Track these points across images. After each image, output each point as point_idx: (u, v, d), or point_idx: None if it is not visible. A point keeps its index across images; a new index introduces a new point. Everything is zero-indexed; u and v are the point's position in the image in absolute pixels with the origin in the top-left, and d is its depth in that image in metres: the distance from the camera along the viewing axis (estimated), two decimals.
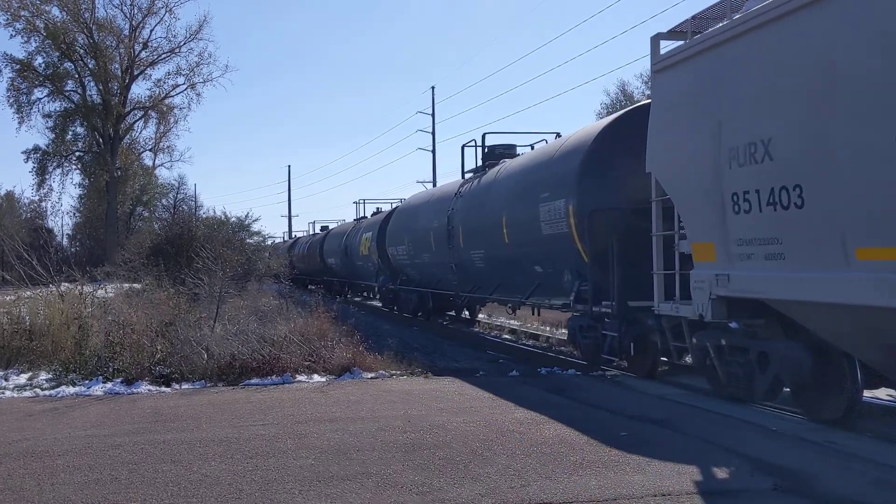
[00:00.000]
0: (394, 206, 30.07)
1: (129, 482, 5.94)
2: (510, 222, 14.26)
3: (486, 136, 18.33)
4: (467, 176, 18.73)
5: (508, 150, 17.56)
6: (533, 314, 17.33)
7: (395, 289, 24.38)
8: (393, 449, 6.82)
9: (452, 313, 22.46)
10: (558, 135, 16.37)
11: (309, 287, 42.87)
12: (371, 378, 10.99)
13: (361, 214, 34.87)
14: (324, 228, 45.36)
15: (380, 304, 29.37)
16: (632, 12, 69.97)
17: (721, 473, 6.04)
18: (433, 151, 50.03)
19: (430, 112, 50.30)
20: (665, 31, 10.11)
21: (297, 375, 10.97)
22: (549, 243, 12.68)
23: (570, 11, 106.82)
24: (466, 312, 22.20)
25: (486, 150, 17.95)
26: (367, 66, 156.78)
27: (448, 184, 21.16)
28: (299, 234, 56.33)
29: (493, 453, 6.63)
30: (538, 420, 7.99)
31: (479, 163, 18.27)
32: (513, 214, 14.20)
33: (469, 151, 18.86)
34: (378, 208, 32.83)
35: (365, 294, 35.62)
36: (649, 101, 10.52)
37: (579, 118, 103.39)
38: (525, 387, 10.26)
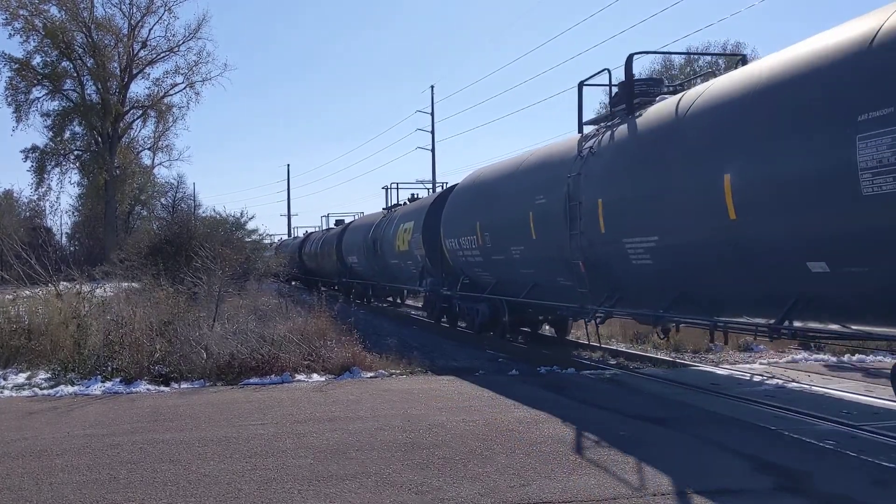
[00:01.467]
0: (427, 187, 25.76)
1: (127, 482, 5.93)
2: (742, 185, 8.26)
3: (634, 57, 11.68)
4: (588, 129, 12.69)
5: (654, 87, 11.80)
6: (725, 343, 11.80)
7: (452, 295, 18.26)
8: (392, 448, 6.82)
9: (526, 329, 17.39)
10: (743, 59, 11.25)
11: (321, 289, 37.23)
12: (370, 377, 10.98)
13: (394, 202, 27.73)
14: (339, 222, 38.93)
15: (423, 314, 23.17)
16: (630, 12, 69.98)
17: (720, 473, 6.03)
18: (433, 150, 50.02)
19: (430, 111, 50.26)
20: None
21: (296, 375, 10.96)
22: (877, 213, 6.82)
23: (568, 11, 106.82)
24: (548, 328, 17.32)
25: (628, 84, 11.53)
26: (365, 65, 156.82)
27: (551, 145, 14.48)
28: (311, 231, 49.49)
29: (492, 452, 6.62)
30: (537, 419, 7.98)
31: (607, 108, 12.85)
32: (754, 169, 8.17)
33: (588, 94, 13.30)
34: (414, 194, 26.52)
35: (391, 299, 30.75)
36: None
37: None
38: (524, 386, 10.25)
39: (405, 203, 26.02)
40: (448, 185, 21.89)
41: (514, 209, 14.10)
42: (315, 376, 11.00)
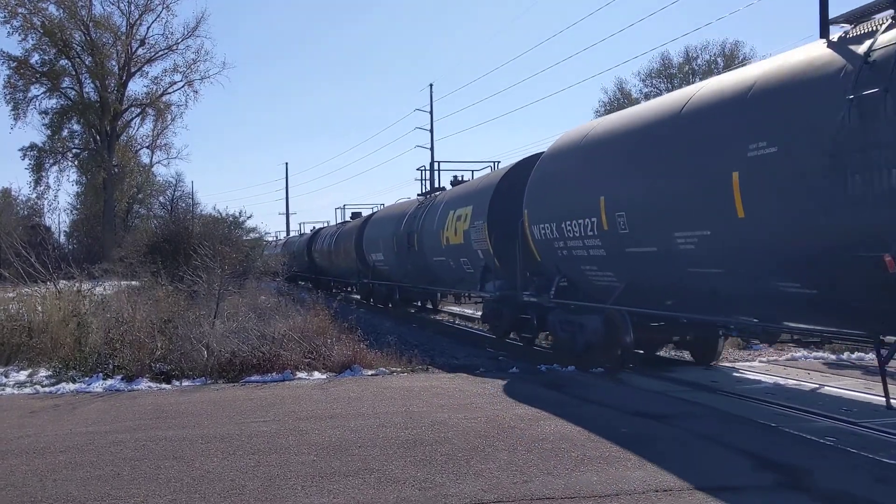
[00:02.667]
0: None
1: (131, 478, 5.95)
2: None
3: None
4: (834, 34, 8.17)
5: None
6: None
7: (539, 303, 13.51)
8: (394, 445, 6.83)
9: (640, 350, 12.38)
10: None
11: (333, 291, 34.79)
12: (371, 375, 11.00)
13: (434, 186, 23.21)
14: (356, 215, 35.03)
15: (477, 326, 19.34)
16: (628, 11, 70.00)
17: (722, 469, 6.06)
18: (431, 148, 50.00)
19: (429, 109, 50.25)
20: None
21: (297, 373, 10.99)
22: None
23: (567, 9, 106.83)
24: (687, 353, 12.84)
25: None
26: (365, 64, 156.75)
27: (753, 66, 9.54)
28: (320, 226, 44.77)
29: (494, 449, 6.64)
30: (539, 416, 8.00)
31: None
32: None
33: None
34: (458, 176, 21.11)
35: (418, 303, 26.27)
36: None
37: (577, 116, 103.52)
38: (525, 383, 10.26)
39: (444, 188, 21.51)
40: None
41: (690, 171, 9.18)
42: (316, 374, 11.02)
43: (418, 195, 23.25)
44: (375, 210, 31.72)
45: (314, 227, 45.95)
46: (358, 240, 28.73)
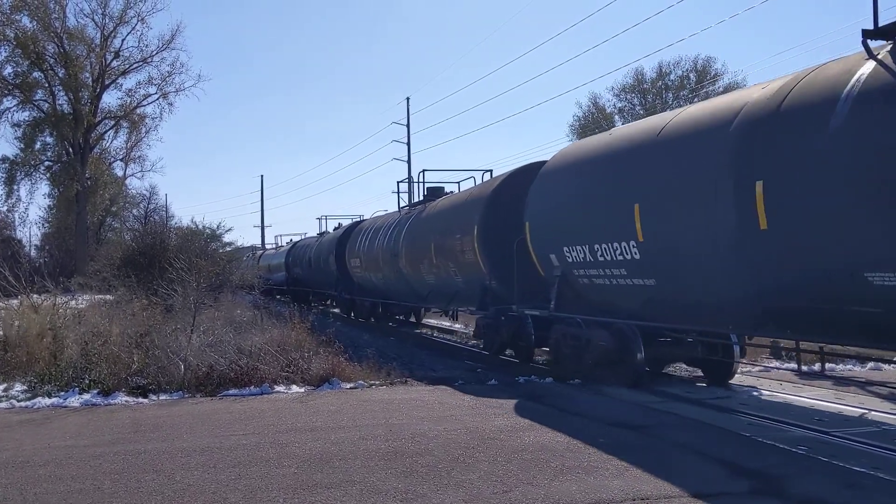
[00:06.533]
0: None
1: (112, 492, 5.94)
2: None
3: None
4: None
5: None
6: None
7: None
8: (375, 457, 6.88)
9: None
10: None
11: (388, 323, 24.69)
12: (350, 388, 11.03)
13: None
14: (434, 193, 20.64)
15: None
16: (603, 26, 70.82)
17: (698, 477, 6.17)
18: (408, 161, 50.10)
19: (406, 123, 50.35)
20: None
21: (275, 386, 10.98)
22: None
23: (543, 25, 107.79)
24: None
25: None
26: (341, 76, 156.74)
27: None
28: (361, 220, 29.59)
29: (474, 460, 6.71)
30: (518, 427, 8.09)
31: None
32: None
33: None
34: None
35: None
36: None
37: (551, 130, 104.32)
38: (504, 395, 10.34)
39: None
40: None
41: None
42: (294, 387, 11.03)
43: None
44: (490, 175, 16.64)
45: (339, 224, 33.56)
46: (487, 226, 14.61)
